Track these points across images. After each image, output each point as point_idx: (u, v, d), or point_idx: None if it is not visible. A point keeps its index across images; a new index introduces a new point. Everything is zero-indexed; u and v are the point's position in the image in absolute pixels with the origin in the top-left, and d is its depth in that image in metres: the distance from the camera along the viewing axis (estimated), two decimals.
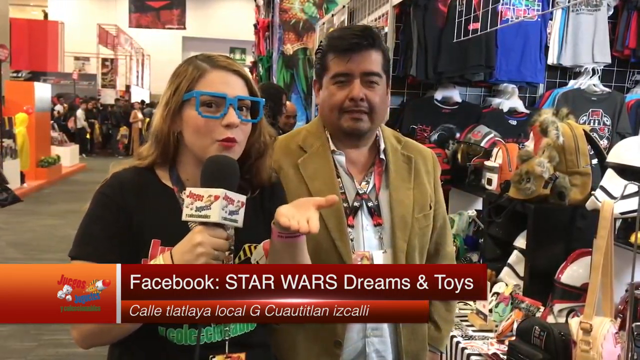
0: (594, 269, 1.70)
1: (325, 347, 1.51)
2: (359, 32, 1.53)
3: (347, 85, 1.53)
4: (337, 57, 1.53)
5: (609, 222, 1.68)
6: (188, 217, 1.13)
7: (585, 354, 1.62)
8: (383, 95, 1.57)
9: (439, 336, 1.71)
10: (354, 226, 1.54)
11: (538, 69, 3.58)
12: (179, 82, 1.27)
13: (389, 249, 1.56)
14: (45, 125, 12.70)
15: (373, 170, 1.60)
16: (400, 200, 1.58)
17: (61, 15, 22.43)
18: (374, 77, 1.53)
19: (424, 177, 1.65)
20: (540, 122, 2.41)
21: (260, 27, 9.22)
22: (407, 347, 1.58)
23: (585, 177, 2.41)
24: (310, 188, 1.53)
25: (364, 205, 1.56)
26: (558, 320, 2.16)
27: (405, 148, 1.66)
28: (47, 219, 8.55)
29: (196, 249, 1.12)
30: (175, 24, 21.57)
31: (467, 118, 3.46)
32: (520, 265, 2.48)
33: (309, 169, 1.55)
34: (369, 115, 1.54)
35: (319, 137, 1.60)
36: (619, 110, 3.60)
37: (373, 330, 1.55)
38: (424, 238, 1.62)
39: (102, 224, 1.24)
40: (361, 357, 1.55)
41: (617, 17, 3.70)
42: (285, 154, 1.58)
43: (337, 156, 1.58)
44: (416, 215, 1.59)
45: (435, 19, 3.45)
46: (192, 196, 1.13)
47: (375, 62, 1.53)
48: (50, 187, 11.63)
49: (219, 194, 1.11)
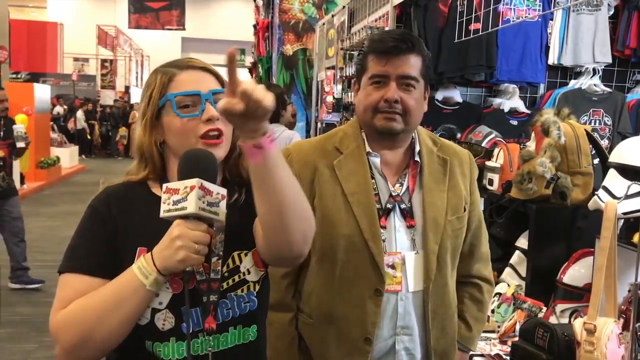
0: (597, 270, 1.70)
1: (356, 344, 1.55)
2: (399, 36, 1.57)
3: (384, 86, 1.56)
4: (375, 59, 1.57)
5: (613, 222, 1.68)
6: (166, 213, 1.12)
7: (589, 354, 1.62)
8: (419, 99, 1.59)
9: (470, 335, 1.74)
10: (386, 227, 1.57)
11: (539, 69, 3.58)
12: (151, 92, 1.26)
13: (421, 250, 1.58)
14: (44, 126, 12.69)
15: (407, 172, 1.63)
16: (432, 203, 1.60)
17: (60, 16, 22.43)
18: (410, 80, 1.56)
19: (459, 180, 1.67)
20: (541, 122, 2.40)
21: (259, 28, 9.21)
22: (435, 346, 1.61)
23: (587, 177, 2.41)
24: (344, 189, 1.56)
25: (397, 207, 1.59)
26: (560, 320, 2.15)
27: (441, 150, 1.68)
28: (46, 220, 8.54)
29: (174, 243, 1.10)
30: (175, 25, 21.55)
31: (467, 118, 3.46)
32: (522, 265, 2.47)
33: (344, 170, 1.59)
34: (403, 117, 1.56)
35: (355, 138, 1.63)
36: (620, 110, 3.60)
37: (403, 329, 1.58)
38: (456, 240, 1.64)
39: (88, 236, 1.23)
40: (391, 354, 1.58)
41: (617, 17, 3.70)
42: (321, 155, 1.61)
43: (372, 158, 1.61)
44: (449, 218, 1.61)
45: (435, 20, 3.44)
46: (169, 191, 1.12)
47: (413, 66, 1.56)
48: (49, 189, 11.61)
49: (194, 183, 1.09)
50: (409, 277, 1.57)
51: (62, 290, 1.20)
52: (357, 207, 1.54)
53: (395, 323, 1.56)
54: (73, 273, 1.20)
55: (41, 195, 10.86)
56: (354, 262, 1.54)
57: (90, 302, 1.15)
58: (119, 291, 1.14)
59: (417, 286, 1.58)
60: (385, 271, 1.54)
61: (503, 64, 3.50)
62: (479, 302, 1.76)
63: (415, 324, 1.58)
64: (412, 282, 1.57)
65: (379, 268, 1.53)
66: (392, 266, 1.55)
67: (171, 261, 1.12)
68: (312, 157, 1.59)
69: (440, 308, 1.61)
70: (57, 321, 1.16)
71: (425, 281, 1.57)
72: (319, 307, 1.60)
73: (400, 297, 1.56)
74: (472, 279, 1.75)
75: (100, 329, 1.13)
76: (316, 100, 5.92)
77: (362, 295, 1.54)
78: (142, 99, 1.29)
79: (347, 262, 1.54)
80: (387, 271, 1.55)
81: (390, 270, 1.55)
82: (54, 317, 1.17)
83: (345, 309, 1.55)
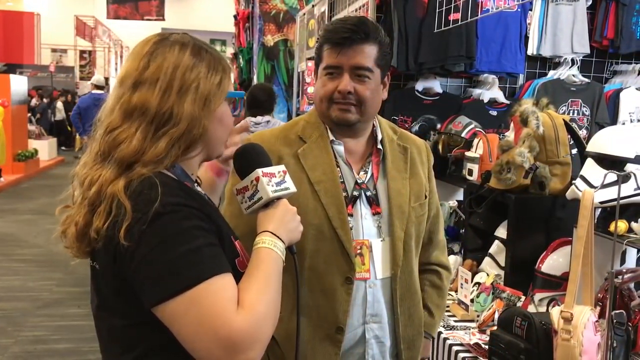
0: (574, 258, 1.71)
1: (328, 332, 1.56)
2: (352, 26, 1.54)
3: (337, 77, 1.56)
4: (329, 49, 1.56)
5: (590, 211, 1.69)
6: (249, 210, 1.22)
7: (566, 342, 1.63)
8: (374, 89, 1.58)
9: (432, 322, 1.75)
10: (353, 215, 1.58)
11: (518, 60, 3.60)
12: (225, 79, 1.21)
13: (387, 237, 1.59)
14: (22, 118, 12.50)
15: (371, 160, 1.64)
16: (397, 190, 1.61)
17: (37, 6, 22.04)
18: (364, 71, 1.55)
19: (419, 167, 1.69)
20: (520, 112, 2.41)
21: (240, 18, 9.13)
22: (403, 333, 1.62)
23: (565, 167, 2.42)
24: (310, 177, 1.56)
25: (363, 194, 1.60)
26: (539, 309, 2.17)
27: (400, 139, 1.70)
28: (24, 214, 8.42)
29: (296, 217, 1.23)
30: (154, 16, 21.32)
31: (447, 109, 3.46)
32: (501, 255, 2.49)
33: (309, 159, 1.58)
34: (358, 107, 1.56)
35: (317, 127, 1.63)
36: (598, 101, 3.64)
37: (372, 317, 1.59)
38: (420, 226, 1.66)
39: (203, 234, 1.07)
40: (361, 342, 1.59)
41: (595, 8, 3.73)
42: (284, 143, 1.60)
43: (336, 146, 1.61)
44: (412, 205, 1.63)
45: (415, 9, 3.44)
46: (240, 192, 1.23)
47: (367, 56, 1.55)
48: (28, 182, 11.45)
49: (257, 175, 1.21)
50: (376, 265, 1.57)
51: (221, 292, 1.03)
52: (325, 196, 1.54)
53: (365, 311, 1.57)
54: (218, 275, 1.05)
55: (19, 189, 10.70)
56: (323, 251, 1.54)
57: (260, 288, 1.08)
58: (272, 270, 1.13)
59: (385, 273, 1.58)
60: (354, 259, 1.55)
61: (483, 54, 3.51)
62: (439, 289, 1.77)
63: (385, 312, 1.59)
64: (380, 269, 1.58)
65: (349, 256, 1.53)
66: (360, 254, 1.56)
67: (296, 233, 1.23)
68: (276, 146, 1.57)
69: (407, 294, 1.62)
70: (249, 321, 1.03)
71: (392, 268, 1.58)
72: (288, 300, 1.58)
73: (368, 285, 1.57)
74: (432, 266, 1.77)
75: (278, 312, 1.12)
76: (297, 92, 5.89)
77: (333, 284, 1.54)
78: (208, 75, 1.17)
79: (316, 252, 1.54)
80: (355, 259, 1.55)
81: (359, 258, 1.56)
82: (237, 322, 1.01)
83: (315, 299, 1.55)
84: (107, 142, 1.12)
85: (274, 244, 1.16)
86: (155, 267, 1.03)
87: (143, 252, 1.03)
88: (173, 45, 1.17)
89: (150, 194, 1.05)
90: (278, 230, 1.18)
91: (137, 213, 1.03)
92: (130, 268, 1.05)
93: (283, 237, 1.18)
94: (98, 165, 1.12)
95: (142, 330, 1.11)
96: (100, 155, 1.13)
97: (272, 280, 1.11)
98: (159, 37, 1.19)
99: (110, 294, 1.13)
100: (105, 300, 1.15)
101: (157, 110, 1.11)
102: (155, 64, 1.14)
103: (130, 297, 1.08)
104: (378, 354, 1.61)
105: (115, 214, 1.05)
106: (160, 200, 1.04)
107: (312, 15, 5.14)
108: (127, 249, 1.03)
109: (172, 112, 1.12)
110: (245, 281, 1.09)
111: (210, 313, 1.01)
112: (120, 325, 1.14)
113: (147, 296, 1.04)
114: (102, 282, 1.14)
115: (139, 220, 1.03)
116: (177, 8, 23.61)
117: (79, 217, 1.11)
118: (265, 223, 1.19)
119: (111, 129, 1.13)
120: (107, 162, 1.11)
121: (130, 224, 1.03)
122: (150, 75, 1.13)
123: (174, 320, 1.03)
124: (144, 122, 1.11)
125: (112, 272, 1.09)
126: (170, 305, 1.02)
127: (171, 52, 1.15)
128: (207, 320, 1.00)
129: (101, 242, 1.07)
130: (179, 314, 1.02)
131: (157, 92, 1.12)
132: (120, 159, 1.10)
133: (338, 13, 4.30)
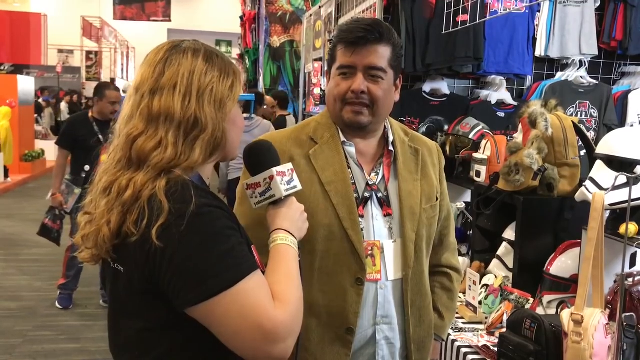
0: (584, 261, 1.71)
1: (338, 333, 1.56)
2: (367, 26, 1.55)
3: (351, 77, 1.56)
4: (343, 49, 1.57)
5: (600, 213, 1.69)
6: (258, 205, 1.29)
7: (577, 345, 1.63)
8: (387, 90, 1.59)
9: (442, 324, 1.75)
10: (364, 216, 1.58)
11: (526, 61, 3.59)
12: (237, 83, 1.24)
13: (399, 239, 1.60)
14: (29, 118, 12.54)
15: (382, 162, 1.64)
16: (408, 191, 1.62)
17: (44, 7, 22.12)
18: (377, 71, 1.56)
19: (430, 169, 1.69)
20: (529, 114, 2.41)
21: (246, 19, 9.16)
22: (414, 335, 1.62)
23: (574, 169, 2.42)
24: (321, 178, 1.57)
25: (374, 195, 1.60)
26: (547, 311, 2.16)
27: (412, 140, 1.70)
28: (31, 214, 8.45)
29: (303, 215, 1.30)
30: (160, 16, 21.34)
31: (455, 110, 3.46)
32: (509, 257, 2.48)
33: (320, 160, 1.59)
34: (371, 108, 1.57)
35: (328, 128, 1.63)
36: (606, 102, 3.62)
37: (383, 318, 1.59)
38: (431, 228, 1.66)
39: (233, 234, 1.12)
40: (371, 343, 1.59)
41: (603, 9, 3.72)
42: (296, 145, 1.61)
43: (347, 147, 1.62)
44: (424, 206, 1.63)
45: (423, 11, 3.43)
46: (251, 187, 1.28)
47: (381, 56, 1.55)
48: (34, 182, 11.49)
49: (271, 174, 1.26)
50: (388, 266, 1.58)
51: (258, 289, 1.08)
52: (336, 196, 1.55)
53: (376, 312, 1.57)
54: (253, 272, 1.09)
55: (26, 189, 10.74)
56: (334, 252, 1.54)
57: (288, 282, 1.15)
58: (293, 265, 1.19)
59: (397, 274, 1.59)
60: (365, 260, 1.55)
61: (490, 55, 3.50)
62: (449, 291, 1.78)
63: (395, 313, 1.60)
64: (391, 270, 1.58)
65: (360, 257, 1.53)
66: (371, 254, 1.56)
67: (304, 230, 1.30)
68: (287, 147, 1.58)
69: (417, 296, 1.62)
70: (287, 313, 1.10)
71: (404, 269, 1.59)
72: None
73: (379, 286, 1.57)
74: (442, 268, 1.78)
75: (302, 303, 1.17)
76: (304, 93, 5.90)
77: (343, 285, 1.54)
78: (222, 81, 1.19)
79: (327, 252, 1.54)
80: (366, 260, 1.55)
81: (370, 259, 1.56)
82: (279, 315, 1.07)
83: (326, 300, 1.55)
84: (135, 150, 1.13)
85: (292, 241, 1.23)
86: (196, 268, 1.06)
87: (184, 254, 1.06)
88: (186, 51, 1.20)
89: (184, 195, 1.08)
90: (291, 228, 1.25)
91: (174, 213, 1.07)
92: (166, 269, 1.07)
93: (295, 234, 1.25)
94: (124, 171, 1.13)
95: (162, 334, 1.14)
96: (125, 162, 1.14)
97: (296, 275, 1.19)
98: (171, 45, 1.22)
99: (134, 297, 1.14)
100: (125, 304, 1.17)
101: (182, 115, 1.14)
102: (171, 70, 1.16)
103: (155, 300, 1.10)
104: (388, 355, 1.61)
105: (152, 214, 1.07)
106: (195, 202, 1.07)
107: (319, 17, 5.14)
108: (165, 249, 1.06)
109: (196, 116, 1.14)
110: (271, 276, 1.15)
111: (253, 309, 1.06)
112: (139, 328, 1.15)
113: (185, 296, 1.07)
114: (125, 285, 1.14)
115: (176, 220, 1.06)
116: (184, 9, 23.66)
117: (112, 219, 1.11)
118: (279, 221, 1.25)
119: (135, 136, 1.14)
120: (139, 168, 1.12)
121: (168, 224, 1.06)
122: (168, 81, 1.15)
123: (214, 319, 1.07)
124: (171, 127, 1.13)
125: (141, 273, 1.10)
126: (211, 304, 1.05)
127: (185, 58, 1.18)
128: (251, 315, 1.06)
129: (135, 243, 1.08)
130: (220, 312, 1.06)
131: (177, 97, 1.14)
132: (156, 164, 1.11)
133: (345, 14, 4.30)
